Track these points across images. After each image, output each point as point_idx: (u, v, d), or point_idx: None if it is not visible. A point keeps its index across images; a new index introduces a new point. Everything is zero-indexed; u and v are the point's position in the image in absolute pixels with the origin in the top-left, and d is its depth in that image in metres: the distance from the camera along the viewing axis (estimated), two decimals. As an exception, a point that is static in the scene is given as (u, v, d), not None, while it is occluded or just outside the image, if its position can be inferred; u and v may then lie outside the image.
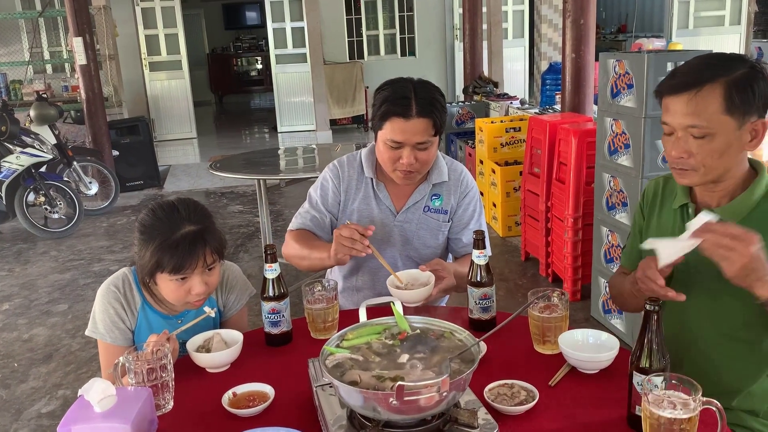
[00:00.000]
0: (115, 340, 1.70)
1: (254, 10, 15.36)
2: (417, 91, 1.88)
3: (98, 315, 1.71)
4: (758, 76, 1.40)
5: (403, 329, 1.32)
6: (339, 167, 2.09)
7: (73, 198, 5.72)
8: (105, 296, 1.71)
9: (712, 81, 1.39)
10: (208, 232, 1.62)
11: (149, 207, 1.67)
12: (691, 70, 1.44)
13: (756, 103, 1.40)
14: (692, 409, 1.11)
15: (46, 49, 9.26)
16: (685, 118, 1.41)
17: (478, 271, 1.64)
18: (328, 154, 4.68)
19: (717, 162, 1.42)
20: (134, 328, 1.73)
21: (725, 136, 1.40)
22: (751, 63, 1.42)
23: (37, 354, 3.58)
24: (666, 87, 1.45)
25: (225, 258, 1.74)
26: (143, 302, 1.73)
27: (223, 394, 1.41)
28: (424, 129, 1.86)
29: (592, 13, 4.23)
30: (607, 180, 3.28)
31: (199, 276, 1.61)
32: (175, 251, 1.56)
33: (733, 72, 1.39)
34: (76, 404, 1.26)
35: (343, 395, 1.15)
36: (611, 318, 3.41)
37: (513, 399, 1.32)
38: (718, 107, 1.38)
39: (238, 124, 12.12)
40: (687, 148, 1.43)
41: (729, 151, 1.41)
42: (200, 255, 1.58)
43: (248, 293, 1.89)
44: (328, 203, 2.06)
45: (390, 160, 1.92)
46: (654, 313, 1.20)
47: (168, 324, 1.72)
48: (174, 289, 1.62)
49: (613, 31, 12.55)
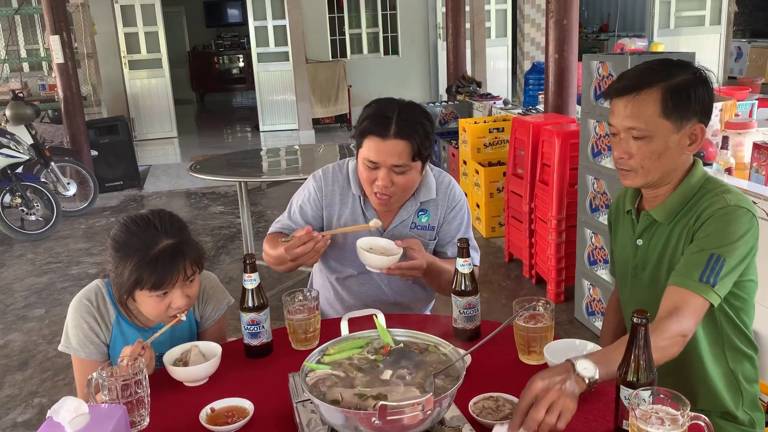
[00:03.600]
0: (89, 355, 1.65)
1: (236, 8, 15.22)
2: (400, 112, 1.81)
3: (71, 330, 1.65)
4: (698, 83, 1.47)
5: (386, 343, 1.28)
6: (323, 179, 2.01)
7: (50, 199, 5.62)
8: (78, 310, 1.65)
9: (650, 86, 1.46)
10: (186, 245, 1.56)
11: (121, 222, 1.59)
12: (634, 74, 1.52)
13: (693, 108, 1.46)
14: (681, 424, 1.09)
15: (23, 46, 9.10)
16: (626, 120, 1.48)
17: (462, 280, 1.60)
18: (311, 155, 4.64)
19: (655, 163, 1.49)
20: (109, 341, 1.68)
21: (663, 139, 1.47)
22: (695, 70, 1.49)
23: (12, 360, 3.50)
24: (611, 89, 1.53)
25: (205, 263, 1.69)
26: (117, 315, 1.68)
27: (200, 409, 1.37)
28: (401, 152, 1.79)
29: (575, 13, 4.22)
30: (590, 182, 3.27)
31: (179, 289, 1.56)
32: (154, 268, 1.50)
33: (673, 78, 1.46)
34: (45, 425, 1.21)
35: (324, 414, 1.12)
36: (595, 320, 3.41)
37: (498, 413, 1.29)
38: (655, 110, 1.45)
39: (220, 122, 12.01)
40: (627, 149, 1.50)
41: (667, 153, 1.48)
42: (180, 269, 1.53)
43: (226, 302, 1.83)
44: (308, 216, 2.00)
45: (367, 180, 1.86)
46: (641, 327, 1.18)
47: (143, 336, 1.66)
48: (154, 305, 1.57)
49: (595, 30, 12.59)
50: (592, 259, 3.34)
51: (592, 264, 3.35)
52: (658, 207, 1.56)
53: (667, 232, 1.55)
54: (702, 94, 1.47)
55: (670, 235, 1.54)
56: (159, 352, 1.59)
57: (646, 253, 1.60)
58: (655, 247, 1.57)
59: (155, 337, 1.56)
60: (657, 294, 1.50)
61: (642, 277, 1.61)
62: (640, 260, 1.61)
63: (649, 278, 1.60)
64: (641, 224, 1.60)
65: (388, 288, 2.02)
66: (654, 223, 1.58)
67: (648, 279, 1.60)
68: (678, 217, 1.53)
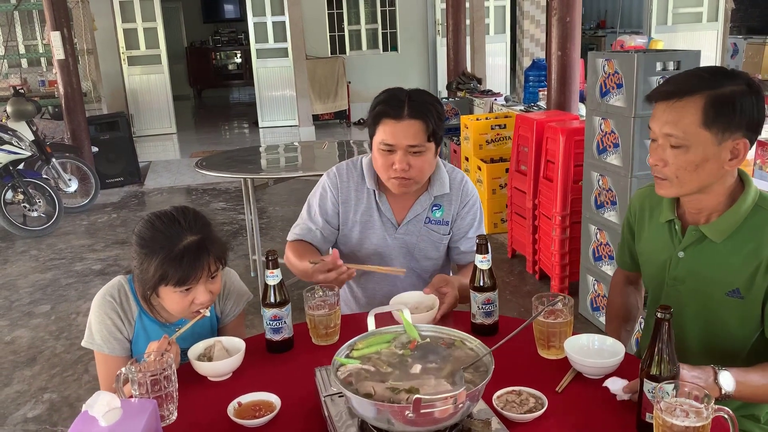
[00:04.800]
0: (112, 350, 1.67)
1: (232, 3, 15.20)
2: (411, 95, 1.87)
3: (94, 326, 1.67)
4: (747, 96, 1.38)
5: (413, 338, 1.31)
6: (338, 176, 2.03)
7: (52, 195, 5.62)
8: (101, 306, 1.67)
9: (693, 93, 1.38)
10: (210, 241, 1.59)
11: (146, 219, 1.62)
12: (680, 79, 1.44)
13: (737, 121, 1.37)
14: (705, 417, 1.12)
15: (21, 42, 9.06)
16: (664, 126, 1.42)
17: (481, 276, 1.63)
18: (317, 151, 4.66)
19: (691, 175, 1.41)
20: (131, 337, 1.70)
21: (701, 150, 1.39)
22: (747, 81, 1.40)
23: (20, 356, 3.51)
24: (655, 92, 1.47)
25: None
26: (140, 311, 1.70)
27: (226, 403, 1.39)
28: (416, 132, 1.83)
29: (578, 11, 4.24)
30: (595, 178, 3.30)
31: (203, 285, 1.58)
32: (179, 264, 1.52)
33: (721, 87, 1.37)
34: (79, 419, 1.23)
35: (357, 408, 1.14)
36: (599, 315, 3.44)
37: (522, 406, 1.32)
38: (695, 120, 1.38)
39: (218, 118, 11.99)
40: (663, 156, 1.44)
41: (705, 165, 1.40)
42: (204, 265, 1.55)
43: (245, 299, 1.86)
44: (328, 214, 2.03)
45: (384, 166, 1.88)
46: (665, 321, 1.20)
47: (166, 332, 1.68)
48: (178, 301, 1.59)
49: (592, 26, 12.61)
50: (597, 255, 3.37)
51: (597, 260, 3.38)
52: (711, 225, 1.48)
53: (718, 249, 1.49)
54: (750, 107, 1.38)
55: (721, 253, 1.48)
56: (181, 347, 1.61)
57: (690, 267, 1.54)
58: (703, 264, 1.52)
59: (180, 333, 1.58)
60: (698, 308, 1.50)
61: (680, 290, 1.56)
62: (681, 273, 1.55)
63: (689, 291, 1.55)
64: (687, 238, 1.53)
65: (402, 285, 2.04)
66: (702, 239, 1.50)
67: (688, 292, 1.55)
68: (731, 236, 1.47)
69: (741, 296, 1.47)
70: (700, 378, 1.30)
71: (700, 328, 1.56)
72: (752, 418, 1.57)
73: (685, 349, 1.53)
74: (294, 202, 6.18)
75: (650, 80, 2.89)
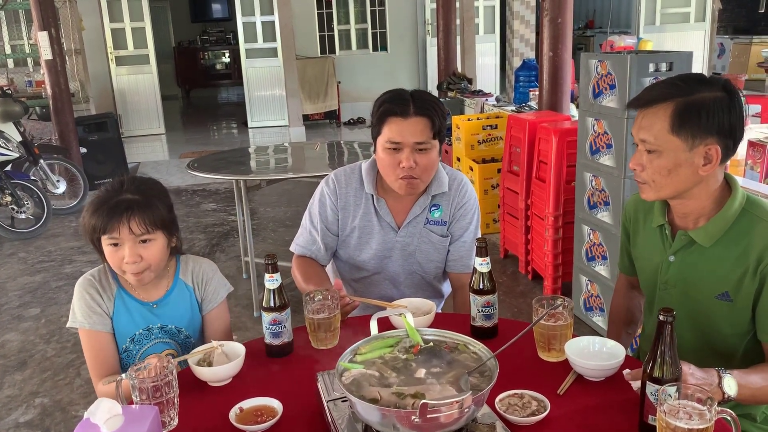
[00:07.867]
0: (93, 325, 1.73)
1: (220, 3, 15.14)
2: (414, 94, 1.90)
3: (76, 304, 1.75)
4: (719, 102, 1.40)
5: (416, 342, 1.30)
6: (336, 183, 2.04)
7: (40, 197, 5.57)
8: (81, 285, 1.77)
9: (665, 100, 1.43)
10: (144, 204, 1.66)
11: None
12: (656, 87, 1.49)
13: (706, 127, 1.40)
14: (708, 419, 1.13)
15: (8, 42, 8.97)
16: (639, 132, 1.48)
17: (480, 279, 1.63)
18: (309, 152, 4.65)
19: (665, 179, 1.46)
20: (112, 313, 1.76)
21: (672, 155, 1.44)
22: (725, 86, 1.42)
23: (10, 361, 3.48)
24: (633, 100, 1.52)
25: (186, 250, 1.85)
26: (119, 288, 1.77)
27: (227, 408, 1.38)
28: (422, 128, 1.85)
29: (569, 12, 4.26)
30: (588, 179, 3.32)
31: (130, 243, 1.64)
32: (101, 212, 1.63)
33: (693, 94, 1.41)
34: (81, 426, 1.22)
35: (363, 413, 1.14)
36: (593, 316, 3.46)
37: (524, 409, 1.32)
38: (664, 126, 1.42)
39: (207, 118, 11.94)
40: (641, 161, 1.49)
41: (678, 170, 1.44)
42: (125, 220, 1.62)
43: (226, 288, 1.90)
44: (328, 221, 2.03)
45: (390, 166, 1.88)
46: (667, 324, 1.21)
47: (145, 309, 1.78)
48: (110, 254, 1.67)
49: (581, 26, 12.67)
50: (590, 255, 3.39)
51: (590, 260, 3.39)
52: (699, 230, 1.51)
53: (707, 253, 1.52)
54: (720, 113, 1.39)
55: (710, 257, 1.51)
56: (164, 324, 1.78)
57: (680, 271, 1.57)
58: (691, 267, 1.55)
59: (183, 359, 1.57)
60: (688, 311, 1.52)
61: (672, 293, 1.59)
62: (672, 277, 1.59)
63: (679, 295, 1.57)
64: (677, 243, 1.56)
65: (401, 287, 2.04)
66: (691, 243, 1.54)
67: (678, 295, 1.58)
68: (719, 240, 1.49)
69: (730, 299, 1.50)
70: (706, 379, 1.31)
71: (693, 331, 1.58)
72: (748, 418, 1.59)
73: (680, 352, 1.54)
74: (285, 203, 6.17)
75: (643, 81, 2.91)
